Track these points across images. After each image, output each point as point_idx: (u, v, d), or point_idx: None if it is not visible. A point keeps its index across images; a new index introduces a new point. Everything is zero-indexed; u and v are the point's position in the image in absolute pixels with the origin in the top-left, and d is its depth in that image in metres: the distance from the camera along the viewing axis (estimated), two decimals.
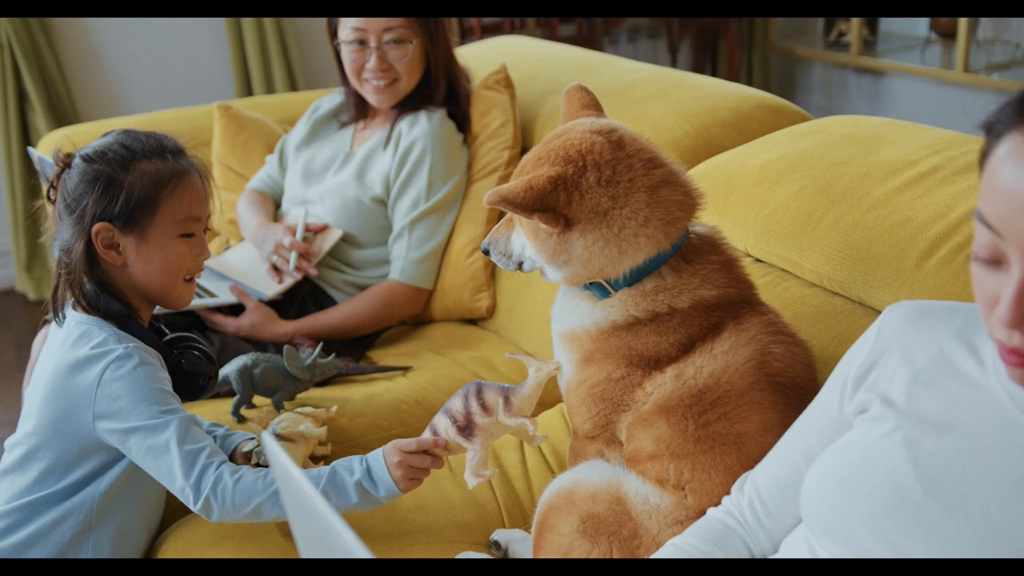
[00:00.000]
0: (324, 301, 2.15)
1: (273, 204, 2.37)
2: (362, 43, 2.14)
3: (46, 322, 2.13)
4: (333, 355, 1.88)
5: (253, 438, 1.54)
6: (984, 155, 0.86)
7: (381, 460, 1.38)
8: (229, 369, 1.80)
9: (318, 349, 1.83)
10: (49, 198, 1.47)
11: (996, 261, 0.84)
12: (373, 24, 2.11)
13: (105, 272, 1.44)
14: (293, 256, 2.11)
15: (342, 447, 1.73)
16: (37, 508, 1.43)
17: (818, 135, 1.69)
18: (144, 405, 1.36)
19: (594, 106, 1.44)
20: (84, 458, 1.42)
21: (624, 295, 1.33)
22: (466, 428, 1.35)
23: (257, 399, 1.82)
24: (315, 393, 1.84)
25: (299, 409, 1.66)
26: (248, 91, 3.93)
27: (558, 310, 1.42)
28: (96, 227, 1.40)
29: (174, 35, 3.82)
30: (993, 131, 0.85)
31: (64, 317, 1.46)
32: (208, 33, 3.90)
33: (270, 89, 3.92)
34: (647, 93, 2.09)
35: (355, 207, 2.17)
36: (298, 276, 2.11)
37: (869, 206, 1.42)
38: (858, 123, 1.70)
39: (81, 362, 1.39)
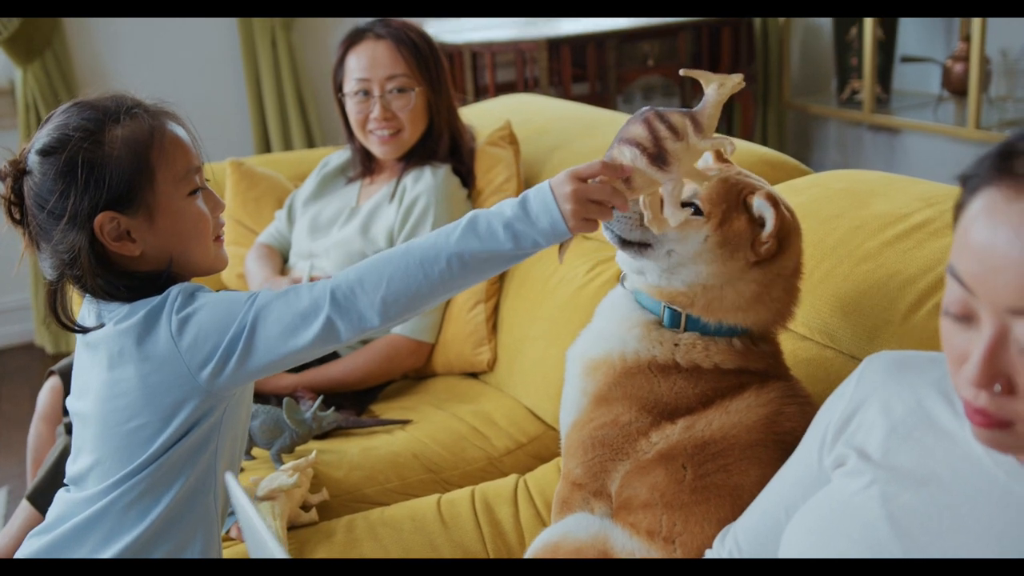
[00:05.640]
0: (327, 354, 2.16)
1: (281, 258, 2.39)
2: (366, 93, 2.19)
3: (51, 374, 2.16)
4: (333, 408, 1.89)
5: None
6: (959, 208, 0.84)
7: (545, 190, 1.17)
8: None
9: (318, 402, 1.83)
10: (13, 216, 1.27)
11: (967, 317, 0.83)
12: (376, 73, 2.18)
13: (120, 265, 1.25)
14: None
15: (338, 500, 1.72)
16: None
17: (814, 189, 1.69)
18: (227, 319, 1.19)
19: None
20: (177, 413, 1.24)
21: (690, 337, 1.32)
22: (658, 156, 1.16)
23: (256, 451, 1.82)
24: (310, 445, 1.84)
25: (281, 467, 1.66)
26: (267, 147, 3.99)
27: (602, 331, 1.37)
28: (97, 220, 1.21)
29: (195, 92, 3.89)
30: (968, 185, 0.83)
31: (87, 329, 1.28)
32: (228, 90, 3.98)
33: (288, 146, 3.98)
34: None
35: (359, 261, 2.18)
36: None
37: (859, 259, 1.42)
38: (854, 177, 1.70)
39: (145, 327, 1.21)
